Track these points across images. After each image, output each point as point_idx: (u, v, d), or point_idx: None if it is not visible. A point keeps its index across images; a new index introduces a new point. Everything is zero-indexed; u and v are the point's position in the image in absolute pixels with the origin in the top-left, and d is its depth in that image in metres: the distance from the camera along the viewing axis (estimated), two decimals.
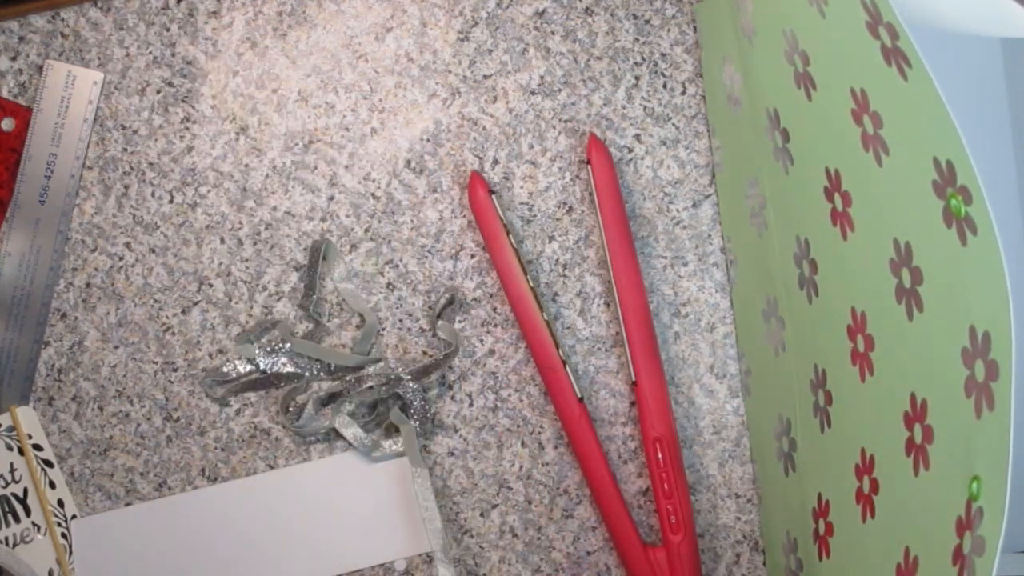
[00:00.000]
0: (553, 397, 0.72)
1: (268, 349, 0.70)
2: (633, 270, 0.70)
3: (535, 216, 0.73)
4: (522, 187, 0.73)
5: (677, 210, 0.73)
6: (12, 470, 0.73)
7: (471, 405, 0.73)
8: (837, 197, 0.53)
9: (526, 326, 0.71)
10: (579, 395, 0.71)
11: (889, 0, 0.42)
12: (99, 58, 0.73)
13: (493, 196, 0.71)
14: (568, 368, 0.71)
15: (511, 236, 0.71)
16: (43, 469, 0.73)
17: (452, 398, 0.73)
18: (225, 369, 0.72)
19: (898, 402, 0.49)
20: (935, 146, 0.42)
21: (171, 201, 0.73)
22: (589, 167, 0.70)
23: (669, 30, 0.72)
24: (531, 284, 0.71)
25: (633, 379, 0.71)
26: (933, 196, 0.43)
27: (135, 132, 0.73)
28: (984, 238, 0.40)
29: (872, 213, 0.50)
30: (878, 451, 0.52)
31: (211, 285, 0.73)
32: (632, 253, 0.71)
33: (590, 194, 0.72)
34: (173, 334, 0.73)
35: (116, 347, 0.73)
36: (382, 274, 0.73)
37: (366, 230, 0.73)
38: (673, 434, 0.71)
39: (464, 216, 0.73)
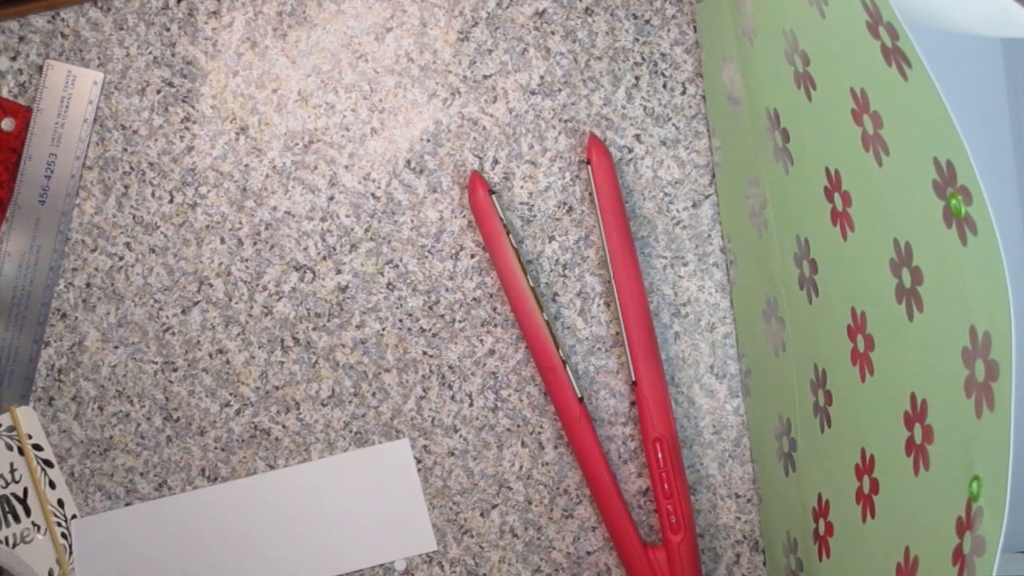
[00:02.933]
0: (553, 397, 0.72)
1: None
2: (633, 270, 0.70)
3: (535, 216, 0.73)
4: (522, 187, 0.73)
5: (677, 210, 0.73)
6: (12, 470, 0.73)
7: (471, 405, 0.73)
8: (837, 197, 0.53)
9: (526, 326, 0.71)
10: (579, 395, 0.71)
11: (889, 0, 0.42)
12: (99, 58, 0.72)
13: (493, 196, 0.71)
14: (568, 368, 0.71)
15: (511, 236, 0.71)
16: (43, 469, 0.73)
17: (452, 398, 0.73)
18: None
19: (898, 402, 0.49)
20: (935, 146, 0.42)
21: (171, 201, 0.73)
22: (589, 167, 0.70)
23: (669, 30, 0.72)
24: (531, 284, 0.71)
25: (633, 379, 0.71)
26: (933, 196, 0.43)
27: (135, 132, 0.73)
28: (984, 238, 0.40)
29: (872, 213, 0.50)
30: (878, 451, 0.52)
31: (211, 285, 0.73)
32: (632, 253, 0.71)
33: (590, 194, 0.72)
34: (173, 334, 0.73)
35: (116, 347, 0.73)
36: (382, 274, 0.73)
37: (366, 230, 0.73)
38: (673, 434, 0.71)
39: (464, 216, 0.73)
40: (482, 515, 0.74)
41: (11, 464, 0.73)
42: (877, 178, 0.48)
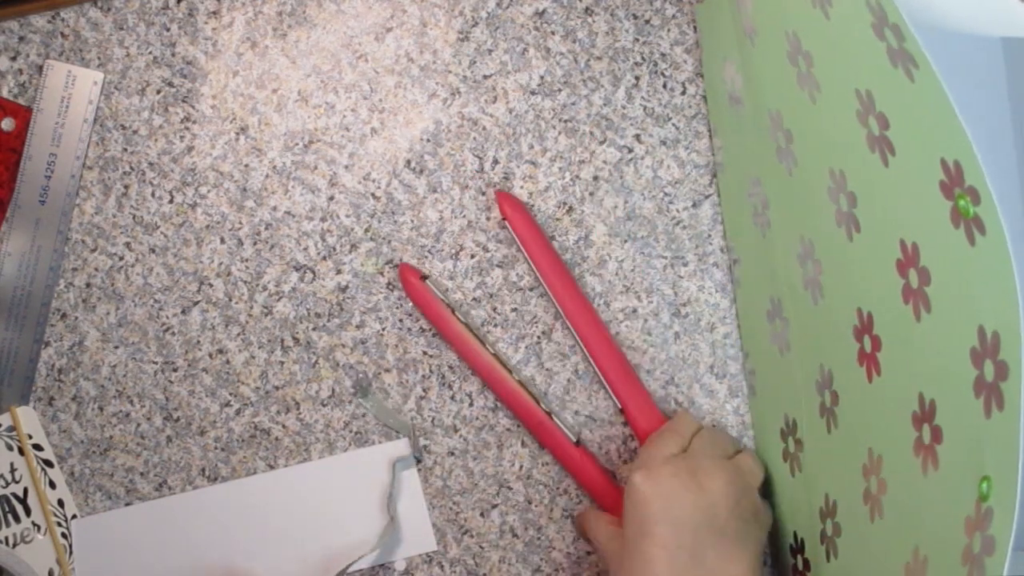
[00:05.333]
0: (550, 450, 0.72)
1: None
2: (584, 307, 0.71)
3: (535, 216, 0.73)
4: (522, 187, 0.73)
5: (677, 210, 0.73)
6: (12, 470, 0.73)
7: (471, 405, 0.73)
8: (842, 198, 0.53)
9: (501, 393, 0.71)
10: (574, 439, 0.71)
11: (895, 1, 0.42)
12: (99, 58, 0.72)
13: (427, 281, 0.71)
14: (555, 418, 0.71)
15: (457, 314, 0.71)
16: (43, 469, 0.73)
17: (452, 398, 0.73)
18: None
19: (906, 402, 0.49)
20: (942, 147, 0.42)
21: (171, 201, 0.73)
22: (508, 225, 0.70)
23: (669, 30, 0.72)
24: (491, 351, 0.71)
25: (619, 406, 0.71)
26: (941, 197, 0.43)
27: (135, 132, 0.73)
28: (993, 238, 0.40)
29: (878, 214, 0.50)
30: (886, 451, 0.52)
31: (211, 285, 0.73)
32: (577, 290, 0.71)
33: (518, 248, 0.72)
34: (173, 334, 0.73)
35: (116, 347, 0.73)
36: (382, 274, 0.73)
37: (366, 230, 0.73)
38: None
39: (464, 216, 0.73)
40: (482, 515, 0.74)
41: (11, 464, 0.73)
42: (883, 179, 0.48)
